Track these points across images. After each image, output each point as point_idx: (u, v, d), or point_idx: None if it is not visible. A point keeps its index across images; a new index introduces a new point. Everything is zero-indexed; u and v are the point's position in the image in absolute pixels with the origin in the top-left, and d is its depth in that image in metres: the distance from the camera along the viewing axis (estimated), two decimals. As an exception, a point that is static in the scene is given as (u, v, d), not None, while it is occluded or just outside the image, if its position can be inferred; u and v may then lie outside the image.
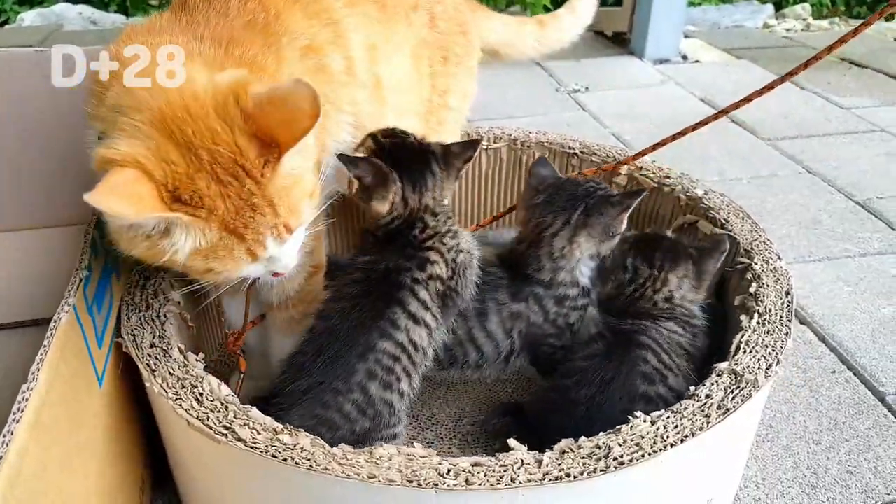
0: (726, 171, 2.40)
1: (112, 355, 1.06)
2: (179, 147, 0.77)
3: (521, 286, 1.27)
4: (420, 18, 1.25)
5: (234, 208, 0.80)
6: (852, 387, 1.46)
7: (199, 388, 0.98)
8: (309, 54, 1.05)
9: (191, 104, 0.78)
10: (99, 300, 1.02)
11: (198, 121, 0.78)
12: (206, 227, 0.81)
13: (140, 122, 0.78)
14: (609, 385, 1.10)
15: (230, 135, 0.79)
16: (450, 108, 1.38)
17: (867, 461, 1.29)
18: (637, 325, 1.18)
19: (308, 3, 1.05)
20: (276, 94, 0.80)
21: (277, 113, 0.79)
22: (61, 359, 0.85)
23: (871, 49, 3.69)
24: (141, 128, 0.78)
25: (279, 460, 0.88)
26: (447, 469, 0.86)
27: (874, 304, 1.72)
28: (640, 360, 1.12)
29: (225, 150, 0.79)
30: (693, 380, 1.09)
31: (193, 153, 0.78)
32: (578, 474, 0.84)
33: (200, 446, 0.97)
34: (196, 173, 0.78)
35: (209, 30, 0.95)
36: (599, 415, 1.08)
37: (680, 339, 1.18)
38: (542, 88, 3.18)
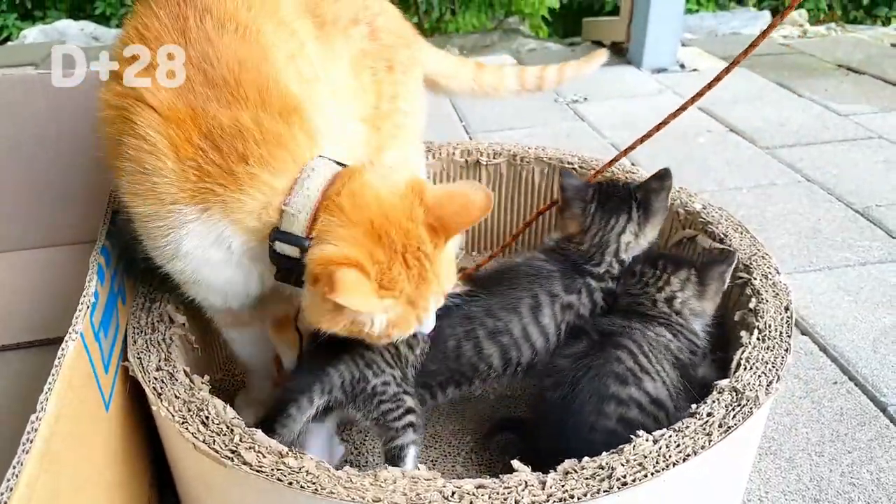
0: (725, 181, 2.41)
1: (119, 379, 1.07)
2: (384, 247, 0.95)
3: (574, 278, 1.30)
4: (359, 31, 1.33)
5: (415, 285, 0.98)
6: (854, 397, 1.47)
7: (205, 412, 0.99)
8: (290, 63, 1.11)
9: (390, 212, 0.96)
10: (105, 325, 1.03)
11: (396, 224, 0.96)
12: (398, 304, 0.98)
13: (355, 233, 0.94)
14: (579, 384, 1.11)
15: (416, 229, 0.97)
16: (404, 113, 1.43)
17: (870, 472, 1.29)
18: (625, 326, 1.19)
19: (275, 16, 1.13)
20: (453, 190, 1.00)
21: (453, 204, 0.98)
22: (69, 387, 0.86)
23: (869, 55, 3.71)
24: (357, 238, 0.94)
25: (285, 483, 0.88)
26: (451, 491, 0.87)
27: (875, 313, 1.72)
28: (614, 360, 1.12)
29: (413, 241, 0.96)
30: (678, 389, 1.10)
31: (392, 248, 0.95)
32: (582, 496, 0.85)
33: (206, 469, 0.98)
34: (394, 263, 0.95)
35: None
36: (570, 415, 1.08)
37: (668, 343, 1.18)
38: (540, 99, 3.19)
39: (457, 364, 1.23)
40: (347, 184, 0.97)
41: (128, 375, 1.07)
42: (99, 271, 1.03)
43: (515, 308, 1.25)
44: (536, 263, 1.32)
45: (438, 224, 0.97)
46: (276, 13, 1.13)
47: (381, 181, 0.98)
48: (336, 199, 0.96)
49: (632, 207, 1.36)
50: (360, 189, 0.97)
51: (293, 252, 0.96)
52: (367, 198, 0.96)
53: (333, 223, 0.95)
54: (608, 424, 1.06)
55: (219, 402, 1.01)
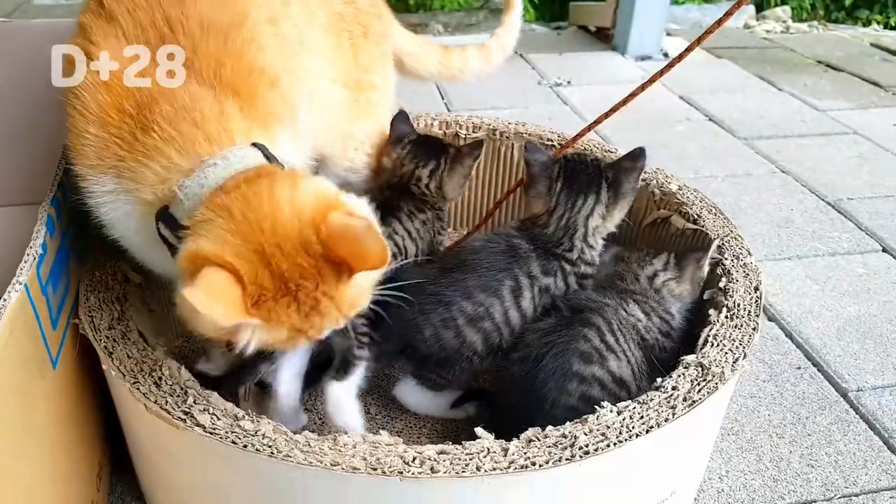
0: (702, 169, 2.40)
1: (68, 337, 1.03)
2: (273, 277, 0.83)
3: (550, 260, 1.24)
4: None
5: (304, 316, 0.85)
6: (816, 383, 1.47)
7: (157, 372, 0.96)
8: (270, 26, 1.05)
9: (283, 243, 0.83)
10: (54, 279, 0.99)
11: (289, 258, 0.83)
12: (275, 329, 0.85)
13: (240, 245, 0.82)
14: (542, 360, 1.08)
15: (314, 266, 0.84)
16: (375, 88, 1.39)
17: (828, 455, 1.30)
18: (599, 302, 1.17)
19: None
20: (350, 231, 0.84)
21: (350, 247, 0.83)
22: (10, 339, 0.82)
23: (848, 53, 3.73)
24: (242, 251, 0.82)
25: (239, 446, 0.86)
26: (412, 457, 0.85)
27: (841, 302, 1.73)
28: (581, 338, 1.09)
29: (310, 282, 0.84)
30: (642, 369, 1.09)
31: (284, 284, 0.83)
32: (544, 463, 0.83)
33: (159, 432, 0.95)
34: (281, 298, 0.83)
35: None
36: (532, 391, 1.07)
37: (637, 322, 1.17)
38: (524, 81, 3.17)
39: (441, 351, 1.19)
40: (249, 186, 0.86)
41: (77, 333, 1.04)
42: (48, 222, 0.99)
43: (497, 291, 1.19)
44: (514, 241, 1.25)
45: (340, 261, 0.85)
46: None
47: (287, 197, 0.86)
48: (224, 197, 0.85)
49: (601, 187, 1.27)
50: (259, 200, 0.85)
51: (172, 238, 0.88)
52: (261, 214, 0.84)
53: (215, 222, 0.84)
54: (569, 401, 1.05)
55: (173, 363, 0.98)
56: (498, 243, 1.25)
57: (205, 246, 0.82)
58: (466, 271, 1.20)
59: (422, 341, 1.17)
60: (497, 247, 1.24)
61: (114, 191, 0.92)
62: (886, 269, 1.87)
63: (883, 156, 2.55)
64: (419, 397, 1.27)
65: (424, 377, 1.24)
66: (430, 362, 1.21)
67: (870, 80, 3.31)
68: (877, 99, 3.09)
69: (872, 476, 1.26)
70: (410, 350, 1.20)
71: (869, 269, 1.87)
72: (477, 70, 1.68)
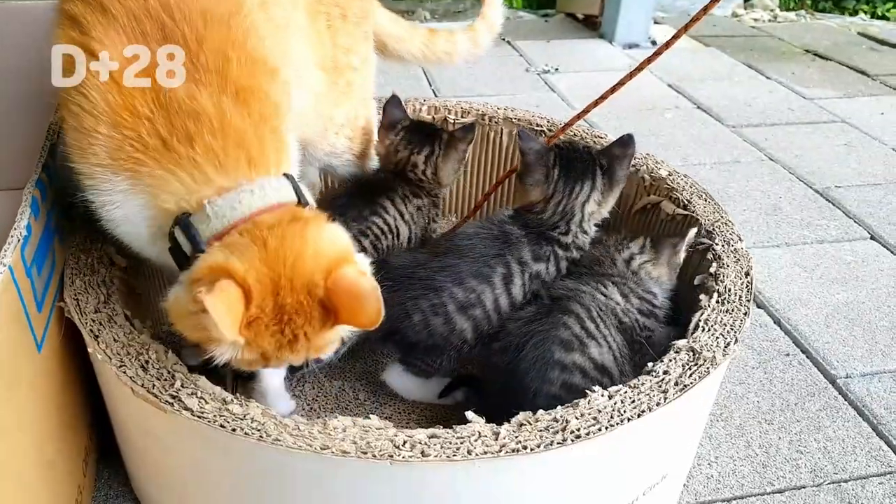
0: (690, 157, 2.40)
1: (53, 320, 1.01)
2: (275, 307, 0.86)
3: (542, 245, 1.24)
4: None
5: (278, 347, 0.88)
6: (805, 369, 1.48)
7: (144, 356, 0.95)
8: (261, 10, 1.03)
9: (296, 280, 0.86)
10: (39, 262, 0.97)
11: (295, 294, 0.86)
12: (251, 352, 0.88)
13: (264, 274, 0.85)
14: (523, 349, 1.08)
15: (311, 307, 0.87)
16: (354, 69, 1.38)
17: (817, 441, 1.31)
18: (576, 290, 1.17)
19: None
20: (355, 288, 0.87)
21: (348, 302, 0.87)
22: (-5, 320, 0.81)
23: (835, 42, 3.74)
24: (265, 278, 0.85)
25: (228, 430, 0.85)
26: (403, 441, 0.84)
27: (829, 289, 1.74)
28: (561, 326, 1.09)
29: (302, 320, 0.87)
30: (624, 354, 1.10)
31: (281, 315, 0.86)
32: (535, 447, 0.83)
33: (146, 416, 0.94)
34: (271, 327, 0.86)
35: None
36: (515, 381, 1.06)
37: (616, 307, 1.16)
38: (512, 68, 3.16)
39: (429, 338, 1.18)
40: (285, 225, 0.89)
41: (63, 316, 1.02)
42: (33, 204, 0.97)
43: (489, 278, 1.18)
44: (506, 227, 1.24)
45: (332, 308, 0.88)
46: None
47: (314, 240, 0.90)
48: (265, 232, 0.87)
49: (596, 175, 1.28)
50: (293, 238, 0.88)
51: (185, 245, 0.89)
52: (292, 251, 0.87)
53: (250, 250, 0.86)
54: (551, 390, 1.04)
55: (160, 347, 0.97)
56: (490, 229, 1.24)
57: (235, 264, 0.84)
58: (458, 256, 1.19)
59: (410, 327, 1.16)
60: (489, 233, 1.24)
61: (127, 191, 0.90)
62: (874, 257, 1.88)
63: (870, 144, 2.56)
64: (407, 383, 1.26)
65: (411, 364, 1.23)
66: (418, 349, 1.20)
67: (857, 69, 3.32)
68: (864, 88, 3.11)
69: (861, 462, 1.27)
70: (398, 336, 1.18)
71: (857, 256, 1.88)
72: (465, 53, 1.65)
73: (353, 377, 1.33)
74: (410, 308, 1.16)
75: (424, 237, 1.43)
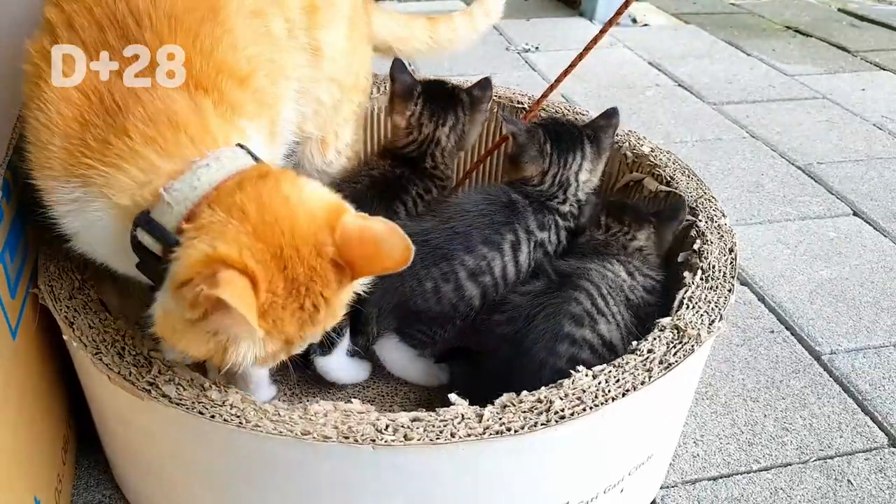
0: (672, 134, 2.40)
1: (28, 307, 0.99)
2: (287, 282, 0.79)
3: (545, 213, 1.27)
4: None
5: (299, 327, 0.82)
6: (790, 346, 1.48)
7: (121, 343, 0.93)
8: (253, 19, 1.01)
9: (301, 246, 0.80)
10: (11, 247, 0.95)
11: (304, 261, 0.80)
12: (273, 342, 0.82)
13: (261, 249, 0.78)
14: (533, 321, 1.07)
15: (323, 269, 0.81)
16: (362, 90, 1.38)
17: (802, 418, 1.31)
18: (582, 268, 1.17)
19: None
20: (367, 233, 0.82)
21: (364, 248, 0.82)
22: (-36, 308, 0.79)
23: (816, 18, 3.74)
24: (263, 256, 0.78)
25: (207, 417, 0.83)
26: (385, 424, 0.83)
27: (812, 266, 1.74)
28: (572, 301, 1.09)
29: (318, 285, 0.81)
30: (634, 333, 1.08)
31: (296, 288, 0.80)
32: (519, 428, 0.82)
33: (124, 403, 0.92)
34: (290, 305, 0.80)
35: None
36: (521, 352, 1.06)
37: (623, 283, 1.17)
38: (492, 47, 3.13)
39: (437, 305, 1.18)
40: (257, 185, 0.81)
41: (38, 303, 1.00)
42: (4, 187, 0.95)
43: (499, 245, 1.19)
44: (512, 196, 1.26)
45: (345, 264, 0.82)
46: None
47: (298, 198, 0.83)
48: (237, 198, 0.79)
49: (584, 144, 1.32)
50: (272, 200, 0.81)
51: (153, 246, 0.81)
52: (280, 215, 0.80)
53: (229, 224, 0.78)
54: (558, 363, 1.04)
55: (136, 333, 0.94)
56: (498, 196, 1.26)
57: (223, 249, 0.76)
58: (469, 223, 1.20)
59: (421, 294, 1.16)
60: (498, 199, 1.25)
61: (79, 199, 0.85)
62: (857, 233, 1.89)
63: (852, 120, 2.56)
64: (401, 357, 1.26)
65: (408, 334, 1.22)
66: (424, 317, 1.19)
67: (838, 45, 3.32)
68: (845, 64, 3.11)
69: (847, 438, 1.27)
70: (410, 303, 1.18)
71: (840, 232, 1.89)
72: (466, 38, 1.63)
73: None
74: (423, 276, 1.16)
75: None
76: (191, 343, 0.79)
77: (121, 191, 0.82)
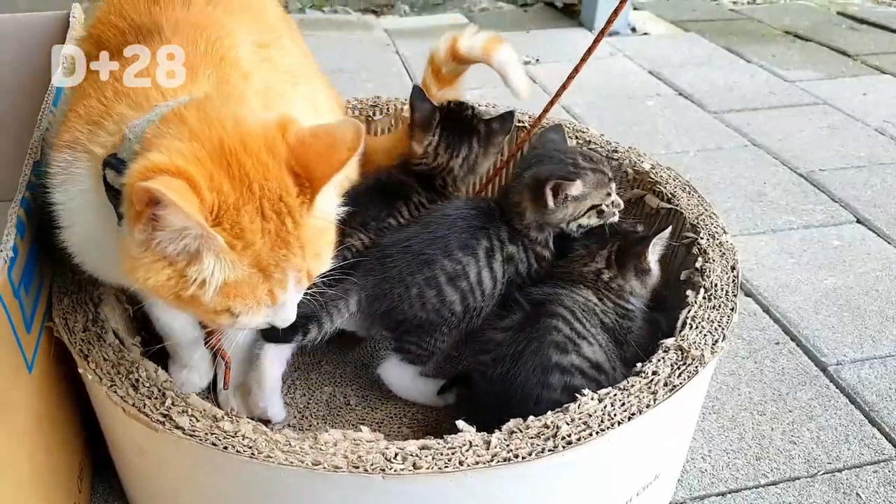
0: (673, 144, 2.41)
1: (43, 340, 1.01)
2: (233, 179, 0.76)
3: (512, 231, 1.24)
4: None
5: (269, 245, 0.78)
6: (796, 358, 1.49)
7: (135, 374, 0.94)
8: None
9: (246, 138, 0.77)
10: (26, 282, 0.97)
11: (252, 154, 0.77)
12: (239, 260, 0.77)
13: (195, 148, 0.76)
14: (521, 358, 1.07)
15: (279, 170, 0.78)
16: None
17: (810, 431, 1.31)
18: (552, 293, 1.16)
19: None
20: (320, 128, 0.80)
21: (318, 144, 0.79)
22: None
23: (815, 22, 3.75)
24: (197, 154, 0.76)
25: (220, 448, 0.85)
26: (394, 453, 0.84)
27: (817, 275, 1.75)
28: (552, 329, 1.09)
29: (274, 185, 0.77)
30: (612, 351, 1.10)
31: (247, 186, 0.76)
32: (527, 455, 0.83)
33: (138, 434, 0.93)
34: (244, 206, 0.76)
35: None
36: (515, 390, 1.06)
37: (595, 307, 1.16)
38: (493, 60, 3.15)
39: (422, 310, 1.19)
40: (204, 101, 0.82)
41: (53, 336, 1.02)
42: (18, 224, 0.97)
43: (474, 250, 1.20)
44: (490, 205, 1.27)
45: (303, 171, 0.78)
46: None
47: (248, 107, 0.84)
48: (178, 110, 0.79)
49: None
50: (212, 105, 0.80)
51: (116, 181, 0.79)
52: (221, 115, 0.78)
53: (167, 134, 0.77)
54: (553, 395, 1.04)
55: (150, 365, 0.96)
56: (478, 203, 1.29)
57: (154, 157, 0.74)
58: (448, 227, 1.21)
59: (407, 300, 1.18)
60: (476, 205, 1.27)
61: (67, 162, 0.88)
62: (861, 240, 1.89)
63: (853, 126, 2.57)
64: (404, 377, 1.27)
65: (405, 350, 1.23)
66: (411, 326, 1.20)
67: (838, 49, 3.33)
68: (845, 68, 3.12)
69: (855, 451, 1.28)
70: (396, 311, 1.19)
71: (844, 240, 1.89)
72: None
73: (343, 382, 1.33)
74: (410, 283, 1.18)
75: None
76: (150, 270, 0.76)
77: (99, 145, 0.85)
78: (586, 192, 1.21)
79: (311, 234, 0.81)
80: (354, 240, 1.27)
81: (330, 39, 3.31)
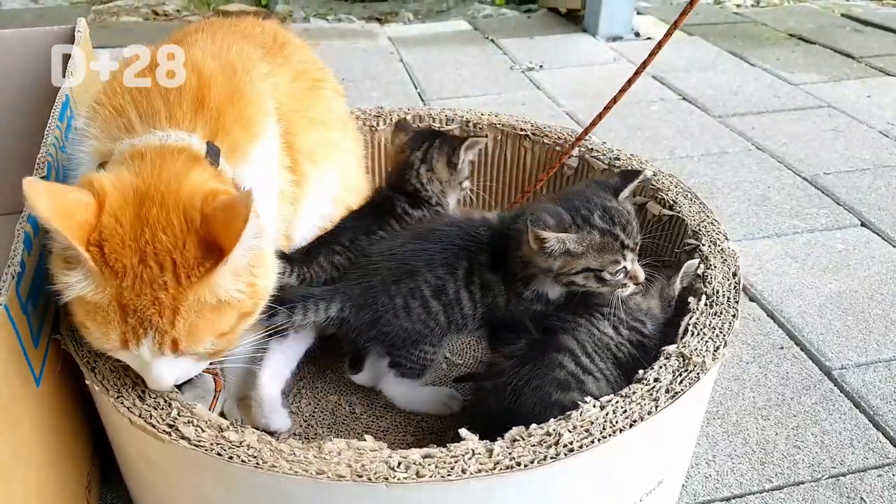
0: (677, 149, 2.41)
1: (50, 353, 1.02)
2: (136, 219, 0.83)
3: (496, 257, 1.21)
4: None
5: (137, 288, 0.82)
6: (800, 362, 1.49)
7: (141, 385, 0.95)
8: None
9: (168, 195, 0.84)
10: (34, 297, 0.98)
11: (164, 208, 0.83)
12: (102, 287, 0.83)
13: (131, 181, 0.86)
14: (521, 394, 1.06)
15: (184, 232, 0.83)
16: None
17: (814, 435, 1.32)
18: (570, 322, 1.14)
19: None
20: (227, 200, 0.85)
21: (223, 216, 0.83)
22: (-7, 361, 0.82)
23: (820, 25, 3.75)
24: (127, 186, 0.85)
25: (225, 458, 0.86)
26: (397, 462, 0.85)
27: (821, 279, 1.75)
28: (556, 366, 1.07)
29: (168, 239, 0.82)
30: (621, 385, 1.05)
31: (141, 229, 0.82)
32: (529, 462, 0.84)
33: (145, 444, 0.94)
34: (130, 243, 0.82)
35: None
36: (513, 422, 1.00)
37: (609, 342, 1.14)
38: (496, 67, 3.17)
39: (407, 320, 1.19)
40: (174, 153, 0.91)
41: (60, 349, 1.03)
42: (26, 239, 0.98)
43: (454, 269, 1.19)
44: (481, 230, 1.24)
45: (212, 240, 0.83)
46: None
47: (201, 175, 0.90)
48: (149, 153, 0.90)
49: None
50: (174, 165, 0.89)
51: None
52: (171, 169, 0.88)
53: (123, 165, 0.89)
54: None
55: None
56: (471, 223, 1.25)
57: (96, 174, 0.86)
58: (436, 241, 1.21)
59: (392, 310, 1.18)
60: (469, 225, 1.25)
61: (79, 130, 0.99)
62: (865, 244, 1.89)
63: (858, 128, 2.57)
64: (403, 390, 1.28)
65: (398, 364, 1.24)
66: (399, 338, 1.20)
67: (842, 52, 3.33)
68: (850, 71, 3.12)
69: (859, 455, 1.28)
70: (383, 321, 1.19)
71: (848, 244, 1.89)
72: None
73: (348, 391, 1.34)
74: (394, 292, 1.18)
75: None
76: (53, 262, 0.85)
77: (105, 137, 0.96)
78: (579, 251, 1.10)
79: (192, 307, 0.84)
80: (343, 258, 1.31)
81: (334, 48, 3.34)
